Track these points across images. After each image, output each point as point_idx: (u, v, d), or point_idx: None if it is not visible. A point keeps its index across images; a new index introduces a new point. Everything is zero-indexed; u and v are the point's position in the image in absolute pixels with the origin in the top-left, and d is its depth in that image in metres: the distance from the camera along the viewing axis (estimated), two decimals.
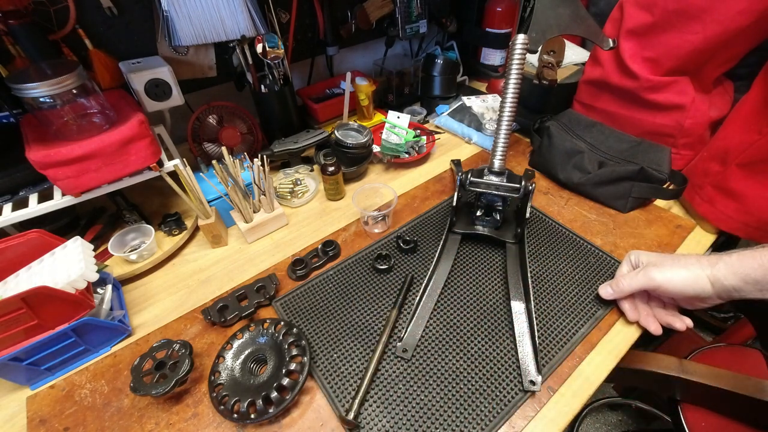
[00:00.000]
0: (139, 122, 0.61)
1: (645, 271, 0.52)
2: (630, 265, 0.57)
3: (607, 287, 0.56)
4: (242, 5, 0.73)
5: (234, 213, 0.73)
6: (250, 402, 0.47)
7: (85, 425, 0.49)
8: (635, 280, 0.53)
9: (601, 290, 0.57)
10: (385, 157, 0.89)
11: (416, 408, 0.49)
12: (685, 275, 0.49)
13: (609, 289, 0.56)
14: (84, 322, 0.52)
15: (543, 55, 0.93)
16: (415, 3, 0.99)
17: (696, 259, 0.50)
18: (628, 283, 0.53)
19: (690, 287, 0.48)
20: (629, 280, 0.53)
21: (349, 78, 0.87)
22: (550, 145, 0.81)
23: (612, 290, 0.55)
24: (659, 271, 0.50)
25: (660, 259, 0.53)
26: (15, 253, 0.55)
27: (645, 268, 0.52)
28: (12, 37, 0.62)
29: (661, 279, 0.50)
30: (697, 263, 0.49)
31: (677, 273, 0.49)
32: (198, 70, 0.86)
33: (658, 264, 0.52)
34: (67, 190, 0.59)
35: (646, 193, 0.72)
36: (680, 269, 0.49)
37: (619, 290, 0.54)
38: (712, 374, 0.63)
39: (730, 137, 0.67)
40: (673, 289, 0.50)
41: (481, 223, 0.70)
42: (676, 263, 0.51)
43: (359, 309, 0.60)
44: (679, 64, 0.70)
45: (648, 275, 0.51)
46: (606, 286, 0.57)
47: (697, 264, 0.49)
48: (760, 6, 0.59)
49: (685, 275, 0.49)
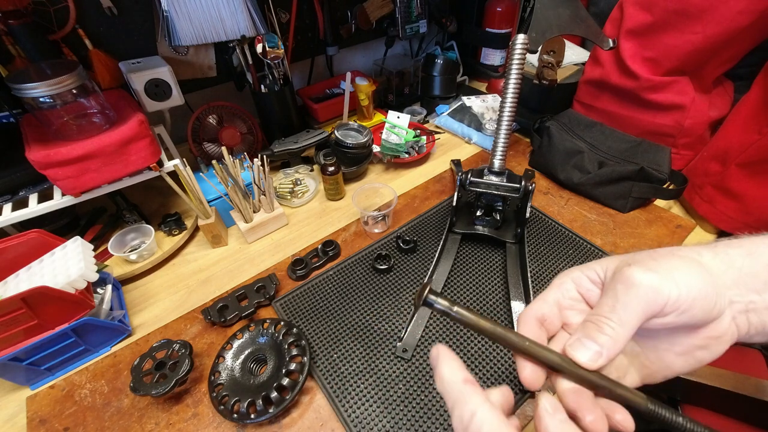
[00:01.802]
0: (139, 122, 0.61)
1: (626, 280, 0.24)
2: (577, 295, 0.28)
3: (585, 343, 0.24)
4: (242, 5, 0.73)
5: (234, 213, 0.73)
6: (249, 402, 0.47)
7: (85, 425, 0.49)
8: (625, 302, 0.23)
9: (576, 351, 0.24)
10: (385, 157, 0.89)
11: (416, 408, 0.49)
12: (690, 267, 0.24)
13: (592, 345, 0.24)
14: (84, 322, 0.52)
15: (543, 55, 0.93)
16: (415, 3, 0.99)
17: (679, 248, 0.26)
18: (617, 317, 0.23)
19: (708, 292, 0.23)
20: (615, 310, 0.23)
21: (349, 78, 0.87)
22: (550, 145, 0.81)
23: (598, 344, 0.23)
24: (648, 270, 0.23)
25: (626, 258, 0.26)
26: (15, 253, 0.55)
27: (617, 276, 0.24)
28: (12, 37, 0.62)
29: (666, 282, 0.23)
30: (688, 251, 0.26)
31: (677, 267, 0.23)
32: (198, 70, 0.86)
33: (633, 262, 0.25)
34: (67, 190, 0.59)
35: (646, 193, 0.72)
36: (676, 260, 0.24)
37: (611, 339, 0.23)
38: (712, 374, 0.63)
39: (730, 137, 0.67)
40: (688, 301, 0.23)
41: (481, 223, 0.70)
42: (657, 255, 0.25)
43: (359, 309, 0.60)
44: (679, 64, 0.70)
45: (638, 283, 0.23)
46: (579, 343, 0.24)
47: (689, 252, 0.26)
48: (760, 6, 0.59)
49: (690, 267, 0.24)
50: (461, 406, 0.22)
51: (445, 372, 0.24)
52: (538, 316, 0.28)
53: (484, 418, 0.21)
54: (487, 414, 0.21)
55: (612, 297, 0.24)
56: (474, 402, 0.22)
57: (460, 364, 0.24)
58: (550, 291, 0.29)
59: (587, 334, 0.24)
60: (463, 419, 0.21)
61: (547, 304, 0.28)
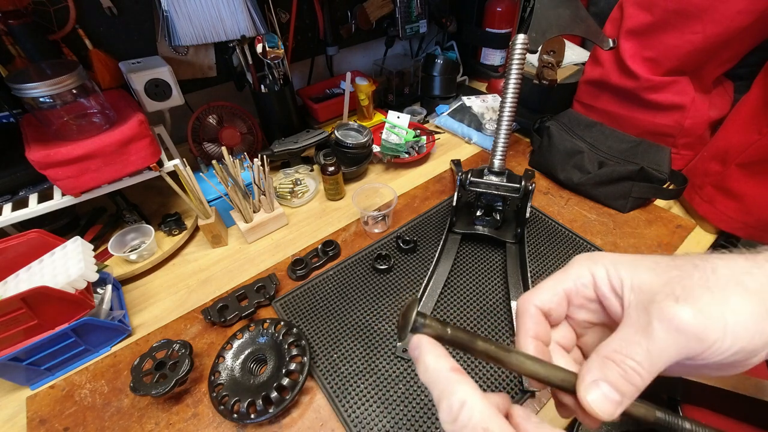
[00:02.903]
0: (139, 122, 0.61)
1: (667, 322, 0.19)
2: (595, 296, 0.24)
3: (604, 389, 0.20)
4: (242, 5, 0.73)
5: (234, 213, 0.73)
6: (249, 402, 0.47)
7: (85, 425, 0.49)
8: (660, 348, 0.20)
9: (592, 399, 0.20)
10: (385, 157, 0.89)
11: (416, 408, 0.49)
12: (752, 312, 0.19)
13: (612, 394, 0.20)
14: (84, 322, 0.52)
15: (543, 55, 0.93)
16: (415, 3, 0.99)
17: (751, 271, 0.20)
18: (648, 363, 0.20)
19: (763, 338, 0.19)
20: (648, 354, 0.20)
21: (349, 78, 0.87)
22: (550, 145, 0.81)
23: (618, 394, 0.20)
24: (698, 311, 0.19)
25: (672, 278, 0.21)
26: (15, 253, 0.55)
27: (658, 311, 0.20)
28: (12, 37, 0.62)
29: (715, 329, 0.19)
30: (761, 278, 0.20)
31: (736, 310, 0.19)
32: (198, 70, 0.86)
33: (681, 291, 0.20)
34: (67, 190, 0.59)
35: (646, 193, 0.72)
36: (738, 299, 0.19)
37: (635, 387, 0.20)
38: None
39: (730, 137, 0.67)
40: (732, 350, 0.19)
41: (481, 223, 0.70)
42: (716, 284, 0.20)
43: (359, 309, 0.60)
44: (679, 64, 0.70)
45: (682, 329, 0.19)
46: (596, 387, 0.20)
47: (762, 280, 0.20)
48: (760, 6, 0.59)
49: (752, 312, 0.19)
50: (449, 395, 0.20)
51: (429, 360, 0.21)
52: (544, 308, 0.24)
53: (475, 407, 0.19)
54: (478, 403, 0.19)
55: (646, 337, 0.20)
56: (463, 391, 0.20)
57: (445, 351, 0.22)
58: (562, 280, 0.24)
59: (608, 378, 0.20)
60: (452, 409, 0.19)
61: (556, 296, 0.24)
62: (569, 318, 0.26)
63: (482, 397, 0.20)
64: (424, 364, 0.21)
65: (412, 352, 0.22)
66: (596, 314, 0.25)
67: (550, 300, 0.24)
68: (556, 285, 0.25)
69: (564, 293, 0.24)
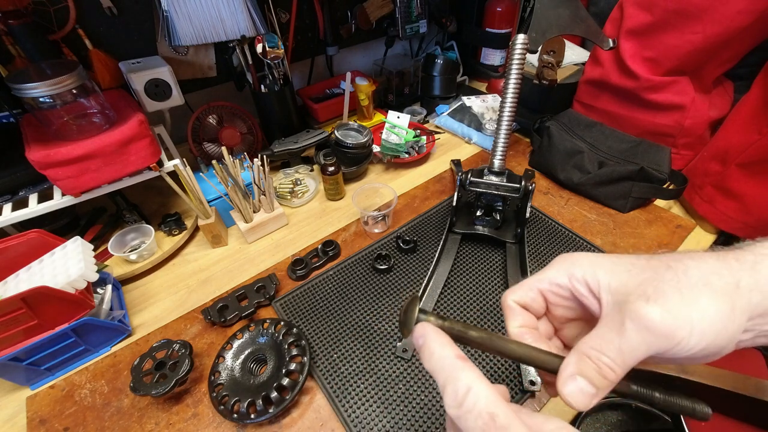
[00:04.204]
0: (139, 122, 0.61)
1: (639, 322, 0.21)
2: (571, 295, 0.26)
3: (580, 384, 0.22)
4: (242, 5, 0.73)
5: (234, 213, 0.73)
6: (249, 402, 0.47)
7: (85, 425, 0.49)
8: (631, 346, 0.21)
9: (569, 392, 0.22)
10: (385, 157, 0.89)
11: (416, 408, 0.49)
12: (718, 311, 0.21)
13: (588, 388, 0.21)
14: (84, 322, 0.52)
15: (543, 55, 0.93)
16: (415, 3, 0.99)
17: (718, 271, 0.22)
18: (620, 359, 0.21)
19: (726, 335, 0.21)
20: (620, 351, 0.21)
21: (349, 78, 0.87)
22: (550, 145, 0.81)
23: (593, 388, 0.21)
24: (667, 311, 0.21)
25: (645, 279, 0.22)
26: (15, 253, 0.55)
27: (630, 311, 0.21)
28: (12, 37, 0.62)
29: (682, 328, 0.20)
30: (726, 278, 0.21)
31: (703, 309, 0.21)
32: (198, 70, 0.86)
33: (652, 292, 0.21)
34: (67, 190, 0.59)
35: (646, 193, 0.72)
36: (705, 299, 0.21)
37: (609, 381, 0.22)
38: (712, 374, 0.63)
39: (730, 137, 0.67)
40: (699, 347, 0.21)
41: (481, 223, 0.70)
42: (685, 285, 0.21)
43: (359, 309, 0.60)
44: (679, 64, 0.70)
45: (652, 328, 0.21)
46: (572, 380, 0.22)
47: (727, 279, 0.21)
48: (760, 6, 0.59)
49: (718, 311, 0.21)
50: (455, 381, 0.20)
51: (434, 347, 0.22)
52: (521, 303, 0.27)
53: (481, 392, 0.20)
54: (484, 389, 0.20)
55: (619, 335, 0.21)
56: (469, 377, 0.20)
57: (450, 340, 0.22)
58: (538, 280, 0.27)
59: (584, 372, 0.22)
60: (458, 394, 0.20)
61: (531, 292, 0.27)
62: (548, 313, 0.28)
63: (488, 384, 0.20)
64: (429, 351, 0.22)
65: (416, 341, 0.23)
66: (573, 311, 0.27)
67: (526, 296, 0.27)
68: (532, 284, 0.27)
69: (539, 291, 0.27)
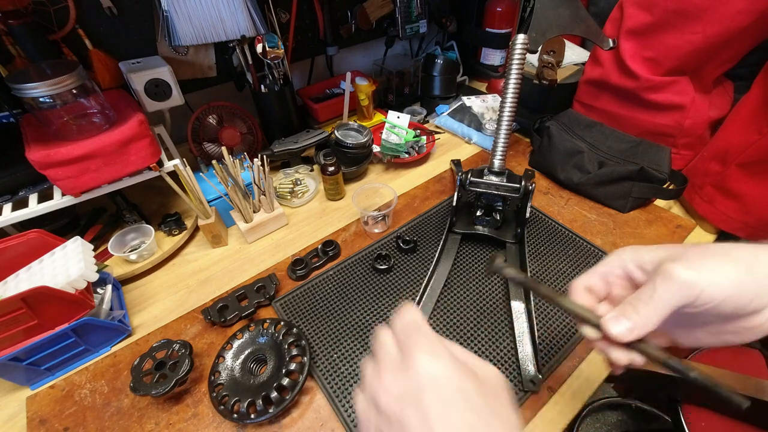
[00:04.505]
0: (139, 122, 0.61)
1: (666, 275, 0.28)
2: (624, 273, 0.33)
3: (621, 320, 0.29)
4: (242, 5, 0.73)
5: (234, 213, 0.73)
6: (249, 402, 0.47)
7: (85, 425, 0.49)
8: (661, 294, 0.28)
9: (611, 325, 0.30)
10: (385, 157, 0.89)
11: None
12: (734, 269, 0.27)
13: (625, 323, 0.29)
14: (84, 322, 0.52)
15: (543, 55, 0.93)
16: (415, 3, 0.99)
17: (737, 247, 0.29)
18: (653, 305, 0.28)
19: (746, 292, 0.27)
20: (651, 298, 0.28)
21: (349, 78, 0.87)
22: (550, 145, 0.81)
23: (631, 323, 0.29)
24: (689, 268, 0.27)
25: (677, 252, 0.30)
26: (15, 253, 0.55)
27: (660, 270, 0.29)
28: (12, 37, 0.62)
29: (702, 280, 0.27)
30: (744, 252, 0.28)
31: (721, 266, 0.27)
32: (198, 70, 0.86)
33: (680, 258, 0.28)
34: (67, 190, 0.59)
35: (646, 193, 0.72)
36: (724, 261, 0.28)
37: (643, 320, 0.29)
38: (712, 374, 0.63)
39: (730, 137, 0.67)
40: (720, 298, 0.27)
41: (481, 223, 0.70)
42: (707, 253, 0.28)
43: (359, 309, 0.60)
44: (679, 64, 0.70)
45: (676, 279, 0.27)
46: (615, 319, 0.30)
47: (745, 253, 0.28)
48: (760, 6, 0.59)
49: (734, 269, 0.27)
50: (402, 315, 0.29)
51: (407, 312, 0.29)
52: (586, 285, 0.34)
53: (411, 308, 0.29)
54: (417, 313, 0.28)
55: (651, 287, 0.29)
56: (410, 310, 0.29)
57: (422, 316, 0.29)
58: (600, 265, 0.34)
59: (623, 312, 0.30)
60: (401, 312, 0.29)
61: (595, 276, 0.34)
62: (609, 297, 0.34)
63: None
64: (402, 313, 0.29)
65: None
66: (627, 290, 0.33)
67: (590, 280, 0.34)
68: (595, 269, 0.34)
69: (600, 274, 0.34)
